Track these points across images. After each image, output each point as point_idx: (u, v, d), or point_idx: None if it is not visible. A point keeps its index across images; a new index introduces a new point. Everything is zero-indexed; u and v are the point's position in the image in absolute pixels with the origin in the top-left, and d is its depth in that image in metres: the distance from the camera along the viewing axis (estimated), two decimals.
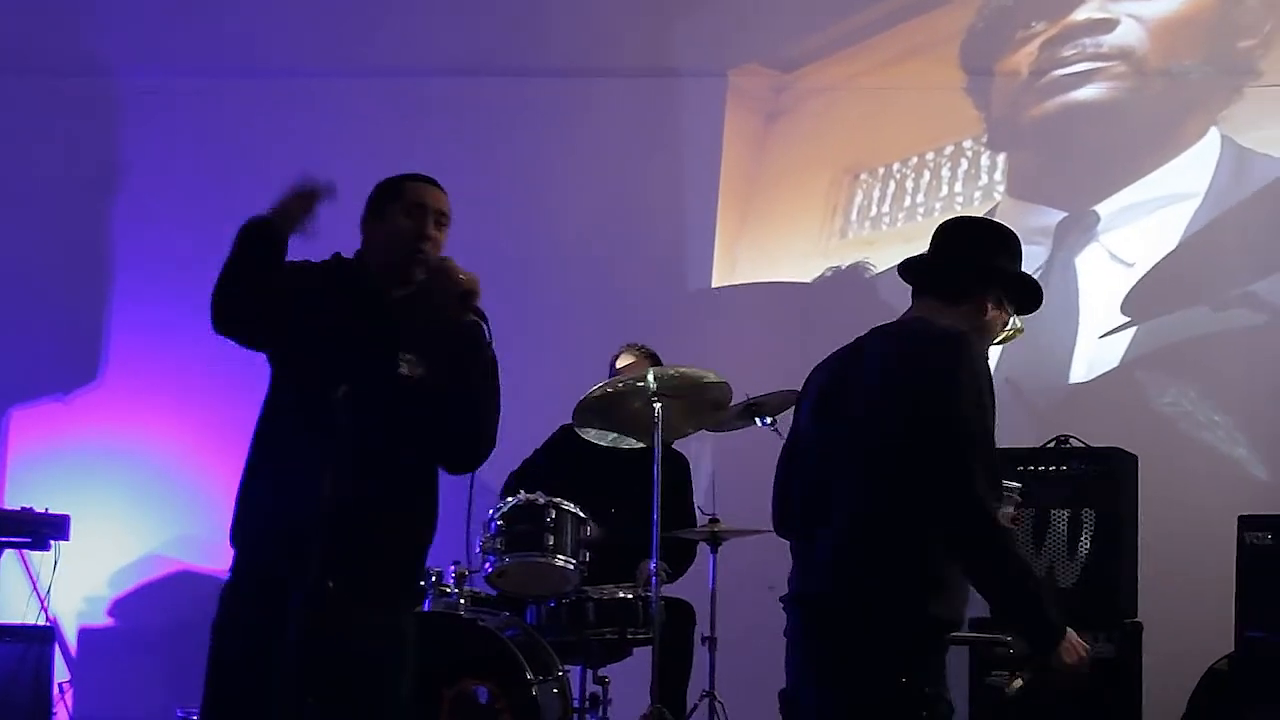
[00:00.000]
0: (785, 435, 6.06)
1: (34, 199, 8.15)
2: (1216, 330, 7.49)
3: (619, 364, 6.74)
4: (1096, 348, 7.53)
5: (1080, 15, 7.80)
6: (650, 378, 6.07)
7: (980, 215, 6.98)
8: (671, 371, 6.17)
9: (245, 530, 4.01)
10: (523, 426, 7.13)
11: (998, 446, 3.58)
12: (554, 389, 6.92)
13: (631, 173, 8.05)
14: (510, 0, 8.21)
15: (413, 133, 8.06)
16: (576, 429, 6.37)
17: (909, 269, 4.13)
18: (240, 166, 7.87)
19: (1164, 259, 7.58)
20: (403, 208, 4.12)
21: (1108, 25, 7.75)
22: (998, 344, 4.14)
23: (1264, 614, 5.85)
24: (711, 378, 6.18)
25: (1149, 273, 7.56)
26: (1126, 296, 7.50)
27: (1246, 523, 5.95)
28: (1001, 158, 7.91)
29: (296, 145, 7.99)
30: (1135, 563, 6.36)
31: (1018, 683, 4.00)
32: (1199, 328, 7.53)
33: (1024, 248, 7.73)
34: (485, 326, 4.07)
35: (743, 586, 6.76)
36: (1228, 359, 7.49)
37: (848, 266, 7.90)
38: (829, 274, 7.91)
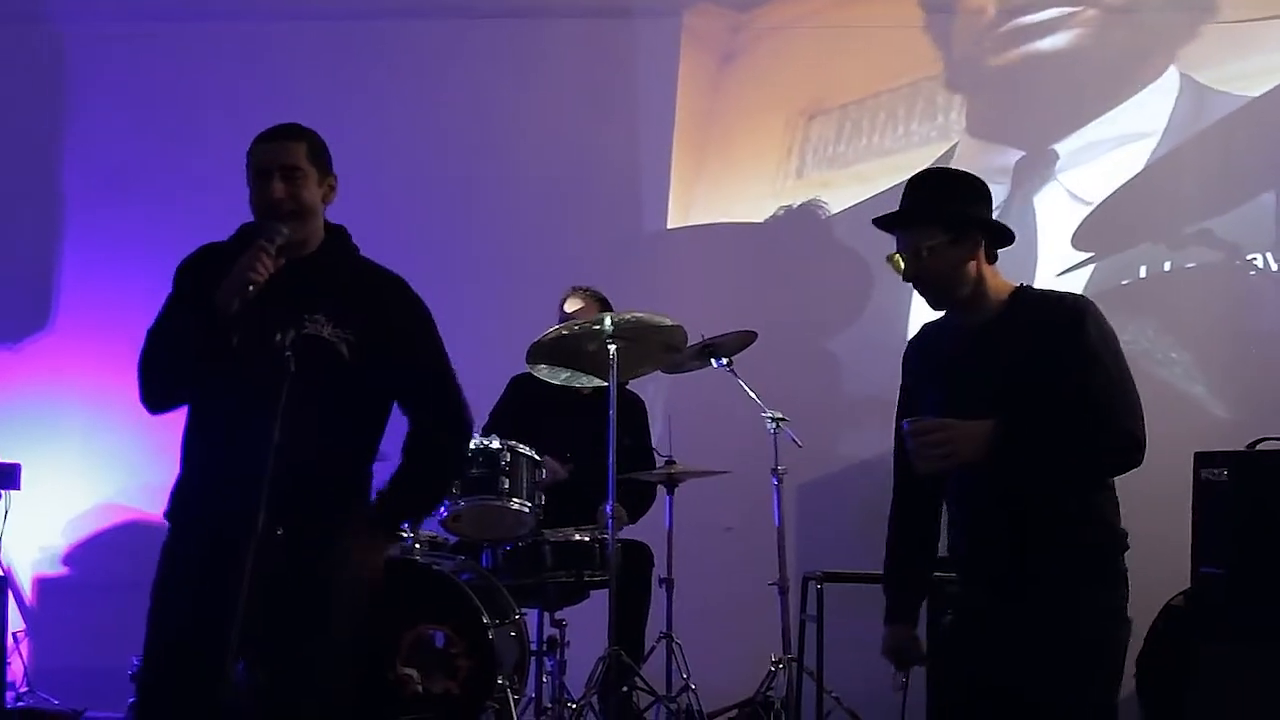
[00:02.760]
0: (738, 375, 6.10)
1: None
2: (1174, 268, 7.50)
3: (566, 308, 6.71)
4: (1055, 286, 7.51)
5: None
6: (607, 322, 6.04)
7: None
8: (627, 316, 6.13)
9: (195, 492, 4.00)
10: (478, 370, 7.11)
11: None
12: (508, 333, 6.89)
13: (585, 115, 7.97)
14: None
15: (363, 77, 7.97)
16: (529, 366, 6.33)
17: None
18: (186, 113, 7.78)
19: (1119, 195, 7.56)
20: (252, 175, 4.08)
21: None
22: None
23: (1219, 550, 5.85)
24: (666, 321, 6.14)
25: (1102, 208, 7.54)
26: (1078, 231, 7.49)
27: (1202, 459, 5.94)
28: (959, 97, 7.86)
29: (243, 90, 7.89)
30: None
31: None
32: (1156, 265, 7.53)
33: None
34: None
35: (700, 528, 6.78)
36: (1185, 296, 7.49)
37: (802, 206, 7.85)
38: (784, 214, 7.86)
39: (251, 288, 3.89)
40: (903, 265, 4.11)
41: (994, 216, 4.23)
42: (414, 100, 7.96)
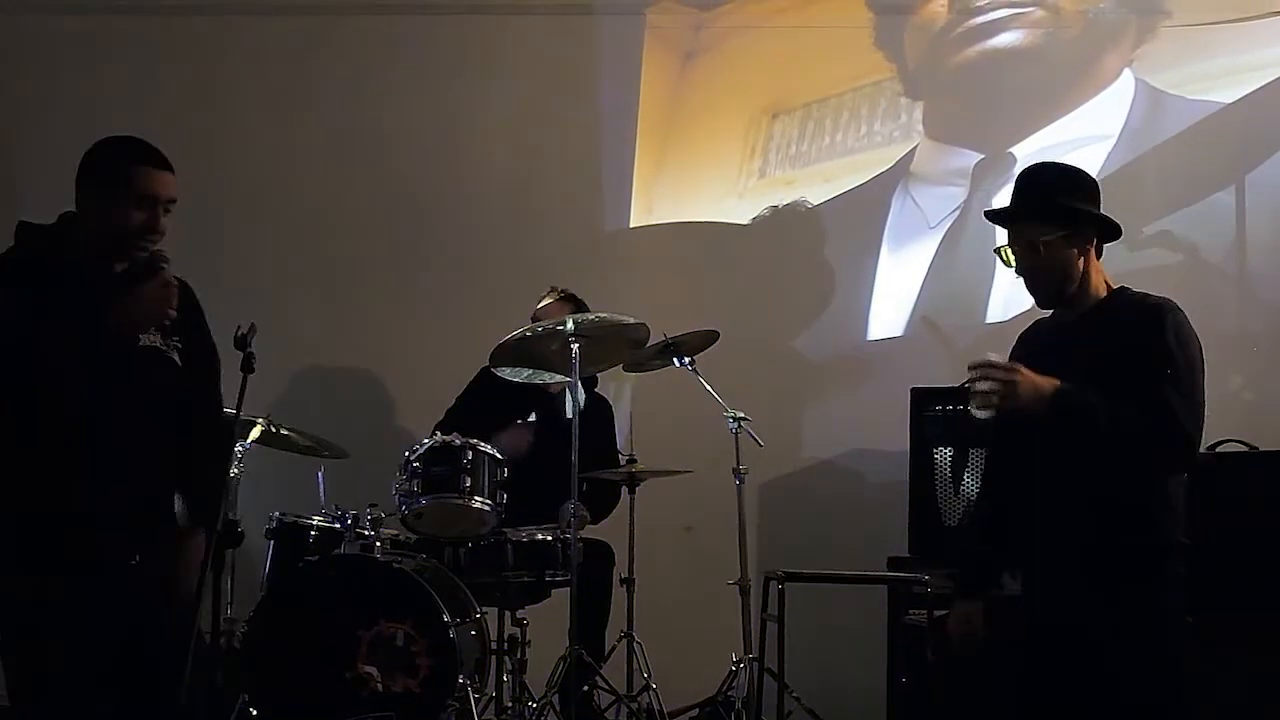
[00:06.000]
0: (700, 374, 6.11)
1: None
2: (1132, 269, 7.46)
3: (538, 306, 6.72)
4: (1013, 287, 7.52)
5: None
6: (569, 323, 6.04)
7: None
8: (590, 316, 6.14)
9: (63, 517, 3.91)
10: (443, 366, 7.16)
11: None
12: (470, 331, 6.90)
13: (548, 113, 7.97)
14: None
15: (324, 73, 7.94)
16: (493, 368, 6.33)
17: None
18: (140, 107, 7.71)
19: None
20: (131, 196, 3.97)
21: None
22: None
23: None
24: (629, 320, 6.15)
25: None
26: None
27: None
28: (919, 99, 7.89)
29: (200, 85, 7.86)
30: None
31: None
32: (1115, 266, 7.45)
33: (942, 189, 7.82)
34: None
35: (661, 527, 6.78)
36: None
37: (767, 206, 7.85)
38: (747, 214, 7.86)
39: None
40: (1013, 259, 4.24)
41: (953, 216, 4.28)
42: (376, 96, 7.94)
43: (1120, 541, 4.02)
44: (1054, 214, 4.20)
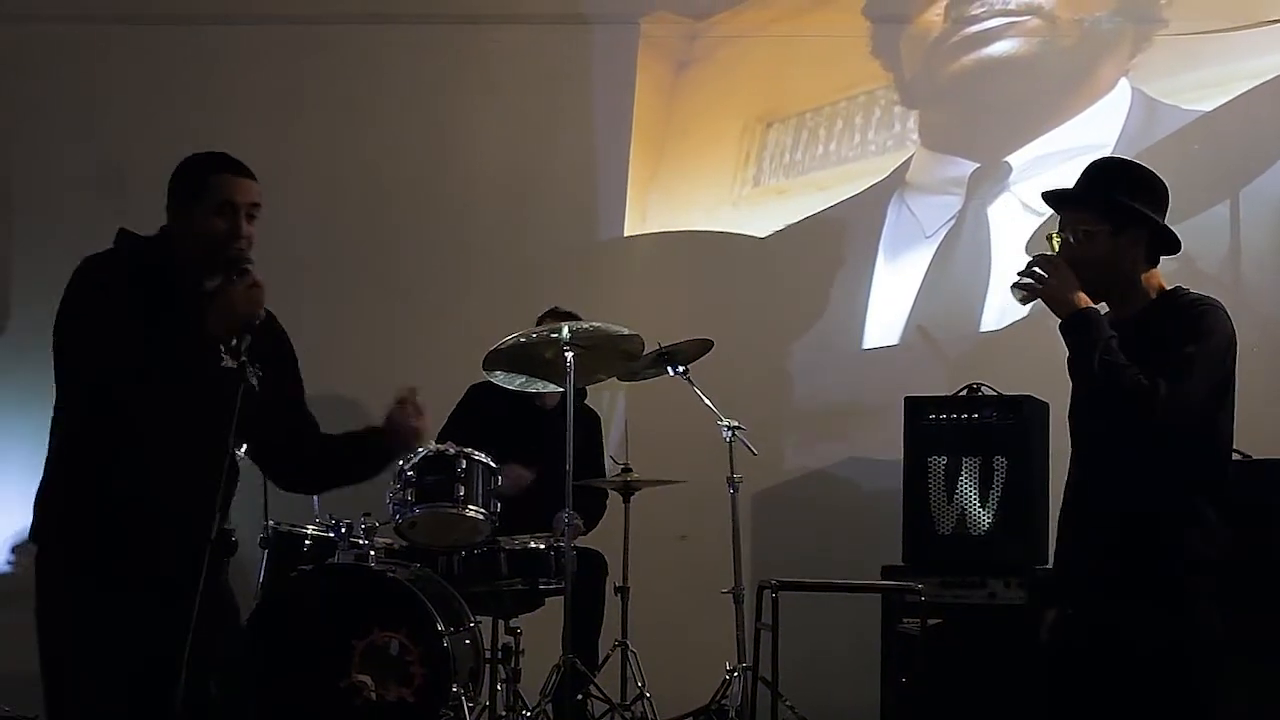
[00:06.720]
0: (694, 383, 6.11)
1: None
2: None
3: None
4: (1007, 296, 7.51)
5: None
6: (564, 330, 6.03)
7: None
8: (585, 325, 6.13)
9: (135, 531, 3.91)
10: (437, 376, 7.12)
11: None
12: (465, 341, 6.88)
13: (543, 122, 7.98)
14: None
15: (320, 83, 7.94)
16: (485, 372, 6.32)
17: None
18: (138, 114, 7.71)
19: None
20: (213, 206, 4.01)
21: None
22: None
23: None
24: (624, 330, 6.14)
25: (1055, 219, 7.57)
26: (1032, 241, 7.52)
27: None
28: (915, 107, 7.89)
29: (197, 94, 7.85)
30: (1046, 510, 6.39)
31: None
32: None
33: (937, 198, 7.83)
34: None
35: (655, 536, 6.79)
36: None
37: (761, 215, 7.86)
38: (742, 222, 7.87)
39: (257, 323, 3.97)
40: (1058, 245, 4.14)
41: (948, 225, 4.24)
42: (369, 105, 7.95)
43: (1146, 556, 3.97)
44: (1103, 207, 4.09)
